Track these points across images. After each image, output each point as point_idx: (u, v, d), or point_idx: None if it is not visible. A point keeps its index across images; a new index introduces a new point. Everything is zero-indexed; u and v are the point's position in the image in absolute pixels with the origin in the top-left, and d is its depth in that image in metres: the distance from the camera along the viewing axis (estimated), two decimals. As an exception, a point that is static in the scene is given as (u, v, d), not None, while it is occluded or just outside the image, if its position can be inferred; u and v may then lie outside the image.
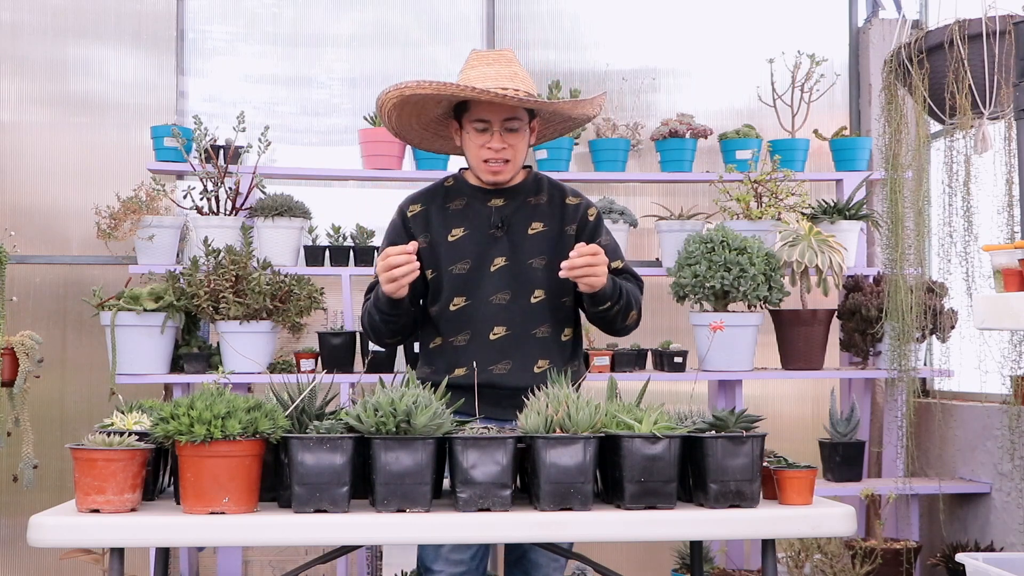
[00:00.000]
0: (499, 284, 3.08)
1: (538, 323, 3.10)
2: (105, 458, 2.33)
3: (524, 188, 3.18)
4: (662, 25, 5.56)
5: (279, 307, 4.50)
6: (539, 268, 3.11)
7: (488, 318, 3.07)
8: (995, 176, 3.98)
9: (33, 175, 5.10)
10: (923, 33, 4.10)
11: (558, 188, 3.23)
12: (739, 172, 4.97)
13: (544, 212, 3.16)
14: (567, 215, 3.17)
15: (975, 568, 3.02)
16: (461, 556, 2.98)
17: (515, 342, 3.07)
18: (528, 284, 3.10)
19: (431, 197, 3.20)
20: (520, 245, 3.11)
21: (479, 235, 3.12)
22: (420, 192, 3.24)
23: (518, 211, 3.14)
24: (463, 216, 3.14)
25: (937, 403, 4.85)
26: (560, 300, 3.13)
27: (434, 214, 3.15)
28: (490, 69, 3.03)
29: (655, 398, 2.64)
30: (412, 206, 3.18)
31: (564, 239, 3.14)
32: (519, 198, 3.16)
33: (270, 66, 5.37)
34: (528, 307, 3.09)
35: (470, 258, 3.10)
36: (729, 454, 2.43)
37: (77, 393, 5.04)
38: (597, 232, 3.20)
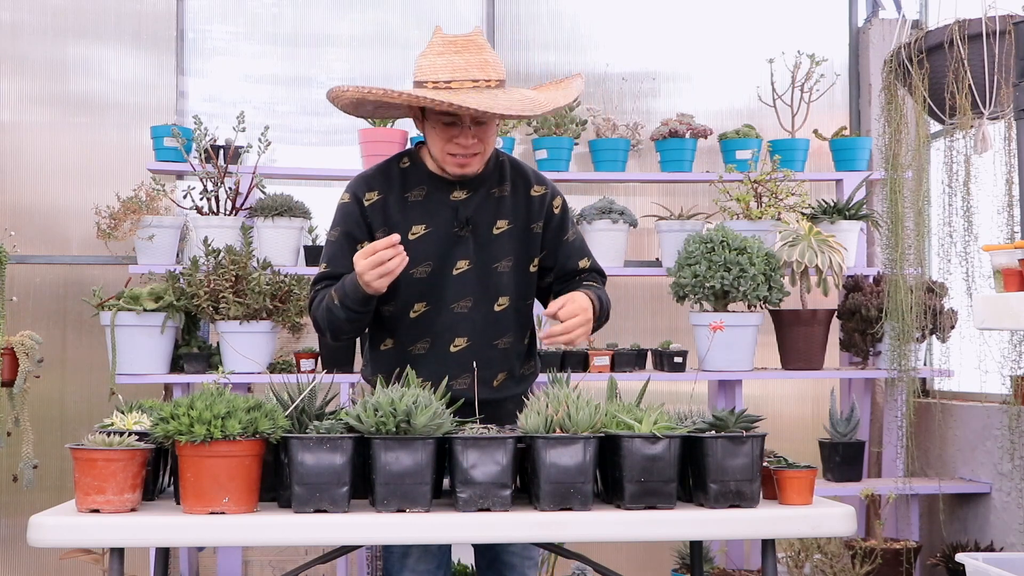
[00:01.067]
0: (462, 290, 2.88)
1: (500, 333, 2.92)
2: (105, 458, 2.33)
3: (486, 177, 2.92)
4: (662, 25, 5.56)
5: (279, 307, 4.50)
6: (504, 272, 2.93)
7: (449, 327, 2.88)
8: (995, 176, 3.98)
9: (33, 175, 5.10)
10: (923, 33, 4.10)
11: (521, 175, 2.98)
12: (739, 172, 4.97)
13: (508, 206, 2.93)
14: (532, 210, 2.95)
15: (975, 568, 3.02)
16: (427, 566, 2.86)
17: (476, 354, 2.86)
18: (493, 290, 2.91)
19: (387, 183, 2.91)
20: (485, 247, 2.90)
21: (441, 234, 2.88)
22: (373, 175, 2.95)
23: (482, 207, 2.91)
24: (424, 211, 2.89)
25: (937, 403, 4.85)
26: (524, 303, 2.97)
27: (392, 205, 2.89)
28: (459, 58, 2.77)
29: (655, 398, 2.64)
30: (369, 193, 2.90)
31: (530, 237, 2.96)
32: (483, 189, 2.92)
33: (270, 66, 5.37)
34: (491, 316, 2.91)
35: (432, 260, 2.88)
36: (729, 454, 2.43)
37: (77, 393, 5.04)
38: (564, 227, 3.00)
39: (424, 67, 2.80)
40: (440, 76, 2.76)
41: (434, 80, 2.76)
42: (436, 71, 2.77)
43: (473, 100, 2.71)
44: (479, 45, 2.80)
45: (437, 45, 2.81)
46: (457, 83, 2.76)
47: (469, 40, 2.81)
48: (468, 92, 2.74)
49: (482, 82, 2.76)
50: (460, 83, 2.76)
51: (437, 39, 2.82)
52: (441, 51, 2.79)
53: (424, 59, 2.82)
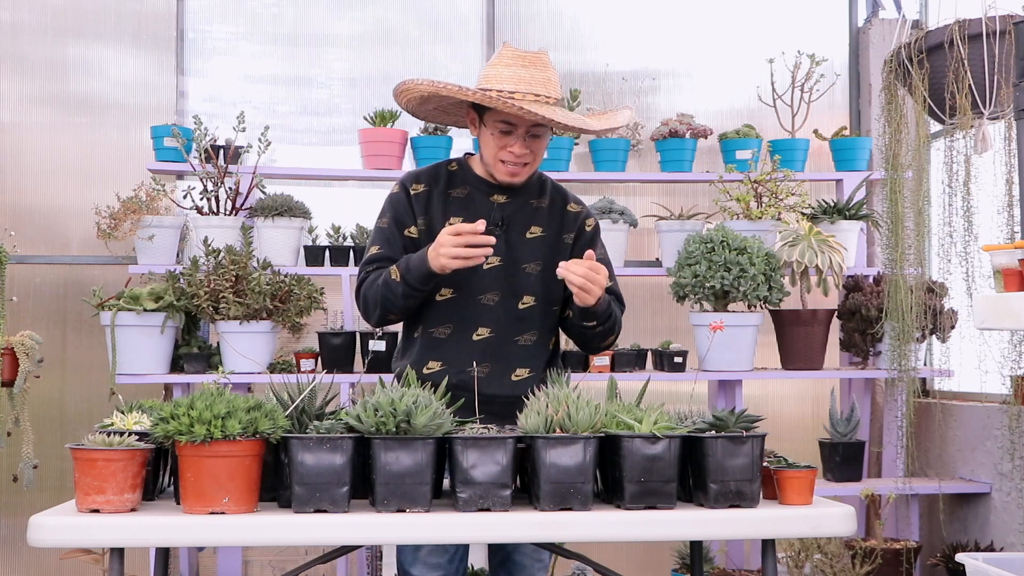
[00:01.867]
0: (490, 284, 3.00)
1: (523, 330, 3.03)
2: (105, 458, 2.33)
3: (528, 188, 3.10)
4: (662, 25, 5.56)
5: (279, 307, 4.50)
6: (532, 273, 3.04)
7: (474, 317, 3.00)
8: (995, 176, 3.98)
9: (33, 175, 5.10)
10: (923, 33, 4.10)
11: (561, 193, 3.16)
12: (739, 172, 4.97)
13: (544, 216, 3.09)
14: (567, 222, 3.11)
15: (975, 568, 3.02)
16: (439, 560, 2.92)
17: (497, 346, 3.00)
18: (519, 288, 3.03)
19: (434, 179, 3.09)
20: (516, 247, 3.04)
21: None
22: (423, 171, 3.13)
23: (519, 212, 3.07)
24: (464, 206, 3.05)
25: (937, 403, 4.85)
26: (550, 308, 3.07)
27: (436, 198, 3.05)
28: (524, 72, 2.93)
29: (655, 398, 2.64)
30: (416, 184, 3.07)
31: (560, 247, 3.09)
32: (522, 198, 3.09)
33: (270, 66, 5.37)
34: (515, 312, 3.02)
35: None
36: (729, 454, 2.43)
37: (77, 393, 5.04)
38: (594, 244, 3.13)
39: (491, 76, 2.96)
40: (505, 86, 2.92)
41: (499, 89, 2.92)
42: (502, 81, 2.93)
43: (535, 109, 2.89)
44: (544, 63, 2.98)
45: (506, 58, 2.97)
46: (520, 95, 2.92)
47: (536, 57, 2.98)
48: (530, 104, 2.90)
49: (543, 97, 2.94)
50: (523, 95, 2.92)
51: (507, 52, 2.98)
52: (509, 63, 2.95)
53: (492, 69, 2.97)
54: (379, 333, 4.62)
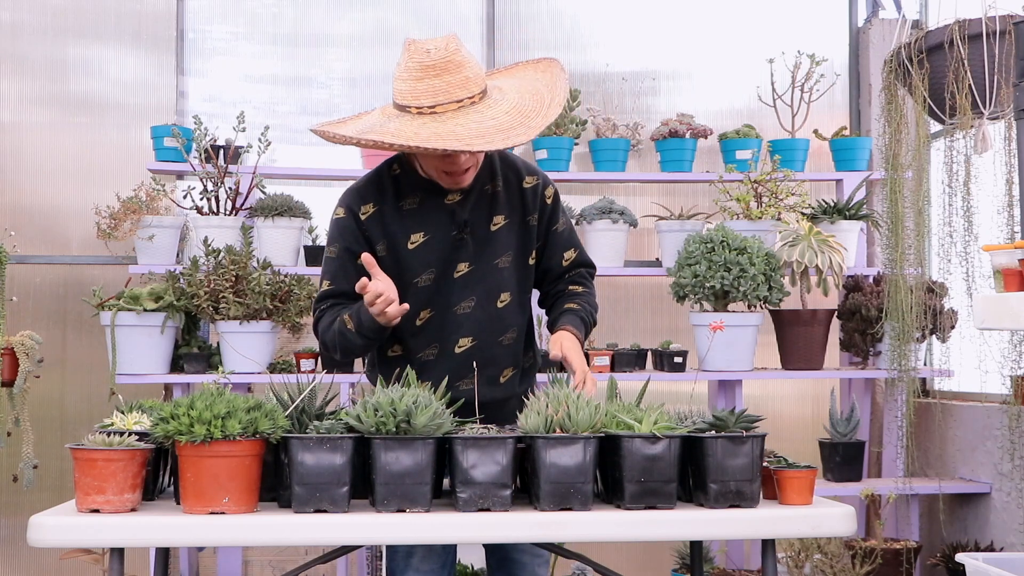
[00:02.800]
0: (464, 291, 2.88)
1: (504, 329, 2.92)
2: (105, 458, 2.33)
3: (478, 175, 2.88)
4: (662, 25, 5.56)
5: (279, 307, 4.50)
6: (505, 267, 2.92)
7: (454, 329, 2.88)
8: (995, 176, 3.98)
9: (33, 175, 5.10)
10: (923, 33, 4.10)
11: (512, 168, 2.95)
12: (739, 172, 4.97)
13: (503, 201, 2.91)
14: (527, 201, 2.93)
15: (975, 568, 3.02)
16: (431, 566, 2.87)
17: (481, 352, 2.87)
18: (495, 287, 2.90)
19: (380, 193, 2.88)
20: (484, 246, 2.89)
21: (440, 239, 2.86)
22: (365, 186, 2.91)
23: (477, 206, 2.89)
24: (420, 218, 2.87)
25: (937, 403, 4.85)
26: (525, 296, 2.97)
27: (389, 216, 2.86)
28: (439, 81, 2.66)
29: (655, 398, 2.64)
30: (364, 206, 2.86)
31: (527, 230, 2.94)
32: (475, 189, 2.89)
33: (270, 66, 5.37)
34: (494, 312, 2.90)
35: (434, 267, 2.86)
36: (729, 454, 2.43)
37: (77, 393, 5.04)
38: (555, 216, 2.99)
39: (404, 92, 2.69)
40: (423, 102, 2.66)
41: (417, 106, 2.67)
42: (418, 96, 2.67)
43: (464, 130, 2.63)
44: (457, 64, 2.68)
45: (415, 70, 2.68)
46: (441, 107, 2.67)
47: (447, 61, 2.67)
48: (455, 116, 2.66)
49: (466, 100, 2.68)
50: (444, 107, 2.67)
51: (413, 64, 2.68)
52: (420, 76, 2.67)
53: (404, 84, 2.70)
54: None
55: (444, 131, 2.63)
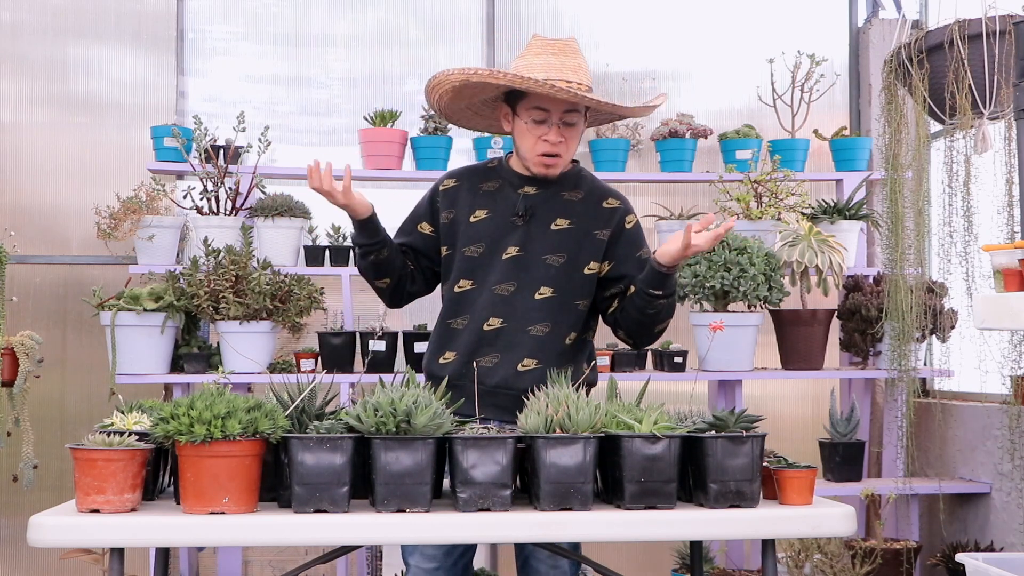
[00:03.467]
0: (507, 274, 3.00)
1: (536, 320, 2.99)
2: (105, 458, 2.33)
3: (561, 180, 3.07)
4: (662, 25, 5.56)
5: (279, 307, 4.50)
6: (553, 265, 3.01)
7: (487, 306, 2.99)
8: (995, 176, 3.97)
9: (33, 175, 5.10)
10: (923, 33, 4.09)
11: (599, 188, 3.12)
12: (739, 172, 4.97)
13: (574, 209, 3.05)
14: (600, 217, 3.06)
15: (975, 568, 3.02)
16: (435, 551, 2.94)
17: (507, 336, 2.98)
18: (536, 279, 3.00)
19: (469, 175, 3.14)
20: (538, 238, 3.01)
21: (499, 220, 3.04)
22: (462, 168, 3.21)
23: (546, 203, 3.05)
24: (491, 199, 3.07)
25: (937, 403, 4.85)
26: (572, 302, 3.03)
27: (464, 192, 3.09)
28: (555, 59, 2.92)
29: (655, 398, 2.64)
30: (448, 180, 3.14)
31: (592, 241, 3.04)
32: (551, 189, 3.06)
33: (270, 66, 5.37)
34: (530, 302, 2.99)
35: (484, 242, 3.03)
36: (729, 454, 2.43)
37: (77, 393, 5.03)
38: (637, 243, 3.08)
39: (520, 66, 2.95)
40: (536, 74, 2.90)
41: (531, 78, 2.89)
42: (532, 70, 2.92)
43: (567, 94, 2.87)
44: (574, 51, 2.96)
45: (535, 47, 2.97)
46: (551, 82, 2.89)
47: (566, 44, 2.96)
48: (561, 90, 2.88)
49: (574, 83, 2.92)
50: (554, 83, 2.89)
51: (536, 42, 2.98)
52: (539, 52, 2.95)
53: (522, 60, 2.97)
54: (379, 333, 4.62)
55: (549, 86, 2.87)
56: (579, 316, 3.06)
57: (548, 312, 3.00)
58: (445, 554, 2.95)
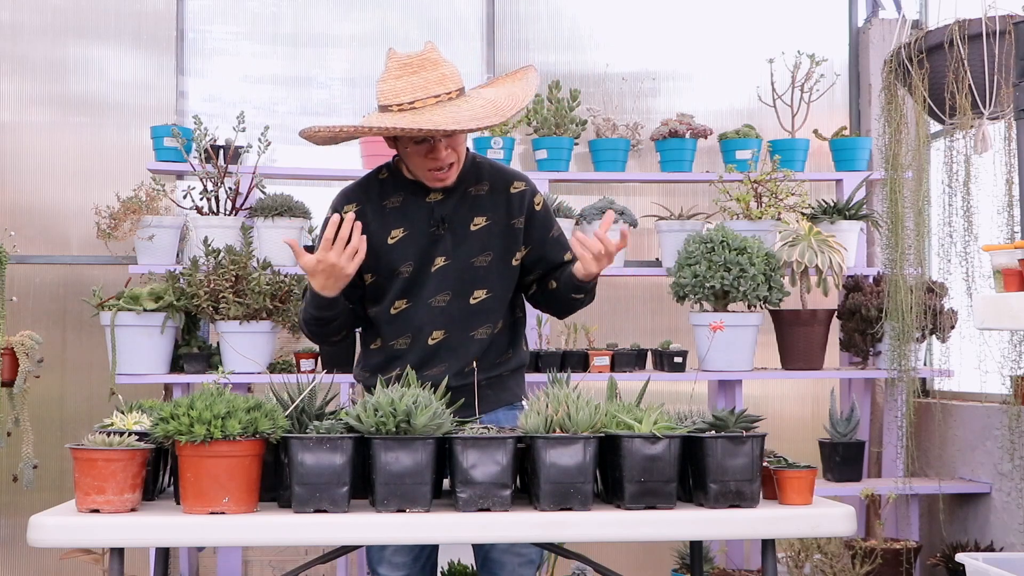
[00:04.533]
0: (440, 285, 2.98)
1: (477, 324, 2.99)
2: (105, 458, 2.33)
3: (463, 178, 3.01)
4: (662, 25, 5.56)
5: (279, 307, 4.50)
6: (482, 266, 2.99)
7: (427, 321, 2.97)
8: (995, 176, 3.97)
9: (33, 175, 5.10)
10: (923, 33, 4.09)
11: (500, 174, 3.07)
12: (739, 172, 4.97)
13: (486, 203, 3.02)
14: (512, 206, 3.02)
15: (975, 568, 3.02)
16: (403, 559, 2.93)
17: (451, 345, 2.98)
18: (469, 283, 2.98)
19: (366, 194, 3.04)
20: (462, 243, 2.98)
21: (419, 235, 2.99)
22: (353, 188, 3.08)
23: (459, 205, 3.00)
24: (402, 215, 3.00)
25: (937, 403, 4.85)
26: (506, 296, 3.04)
27: (371, 214, 3.01)
28: (417, 78, 2.84)
29: (655, 398, 2.64)
30: (348, 206, 3.02)
31: (511, 232, 3.02)
32: (459, 190, 3.01)
33: (270, 66, 5.37)
34: (467, 308, 2.98)
35: (412, 260, 2.98)
36: (729, 454, 2.43)
37: (77, 393, 5.04)
38: (548, 223, 3.08)
39: (386, 91, 2.86)
40: (403, 98, 2.83)
41: (398, 103, 2.84)
42: (398, 94, 2.84)
43: (440, 118, 2.81)
44: (433, 61, 2.88)
45: (394, 69, 2.87)
46: (420, 102, 2.83)
47: (423, 59, 2.88)
48: (432, 109, 2.83)
49: (443, 96, 2.85)
50: (423, 102, 2.83)
51: (393, 63, 2.88)
52: (399, 74, 2.86)
53: (384, 84, 2.88)
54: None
55: (421, 120, 2.80)
56: (509, 307, 3.08)
57: (487, 313, 3.00)
58: (413, 560, 2.95)
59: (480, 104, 2.90)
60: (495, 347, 3.04)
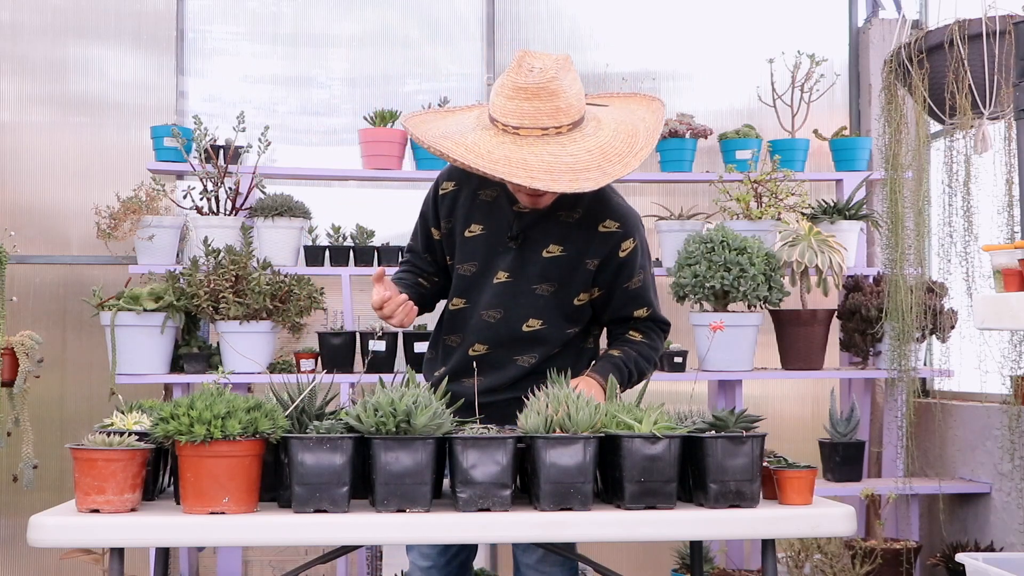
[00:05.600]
0: (495, 300, 2.88)
1: (524, 351, 2.89)
2: (105, 458, 2.33)
3: (561, 200, 2.84)
4: (662, 25, 5.56)
5: (279, 307, 4.50)
6: (543, 295, 2.87)
7: (475, 331, 2.90)
8: (995, 176, 3.98)
9: (33, 175, 5.10)
10: (923, 33, 4.10)
11: (599, 207, 2.86)
12: (739, 172, 4.97)
13: (569, 234, 2.85)
14: (593, 243, 2.85)
15: (975, 568, 3.02)
16: (430, 551, 2.94)
17: (491, 361, 2.88)
18: (525, 309, 2.87)
19: (467, 176, 2.89)
20: (528, 265, 2.86)
21: (493, 239, 2.89)
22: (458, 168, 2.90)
23: (539, 225, 2.86)
24: (487, 212, 2.90)
25: (937, 403, 4.85)
26: (563, 331, 2.90)
27: (462, 200, 2.92)
28: (528, 105, 2.64)
29: (655, 398, 2.64)
30: (446, 183, 2.95)
31: (581, 271, 2.87)
32: (550, 208, 2.85)
33: (270, 66, 5.37)
34: (517, 334, 2.88)
35: (478, 261, 2.90)
36: (729, 454, 2.43)
37: (77, 393, 5.03)
38: (625, 272, 2.89)
39: (496, 106, 2.69)
40: (509, 121, 2.65)
41: (503, 123, 2.67)
42: (506, 115, 2.66)
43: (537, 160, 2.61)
44: (551, 92, 2.64)
45: (509, 88, 2.67)
46: (525, 131, 2.65)
47: (540, 88, 2.64)
48: (535, 143, 2.63)
49: (552, 130, 2.64)
50: (528, 131, 2.65)
51: (509, 81, 2.67)
52: (512, 96, 2.66)
53: (496, 97, 2.70)
54: (379, 333, 4.62)
55: (516, 157, 2.62)
56: (568, 340, 2.94)
57: (538, 343, 2.89)
58: (439, 553, 2.96)
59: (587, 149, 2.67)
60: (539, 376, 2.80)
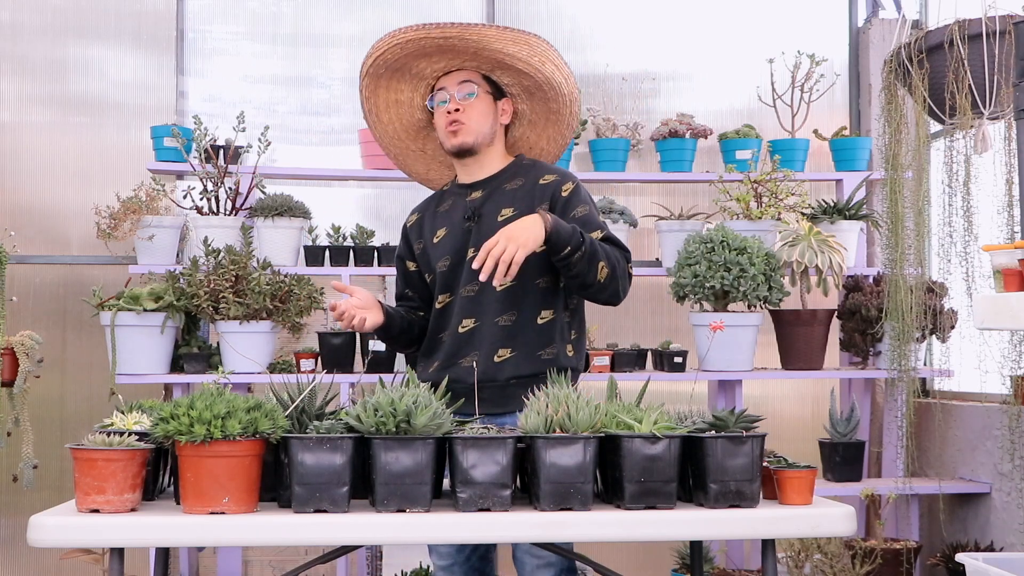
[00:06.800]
0: (470, 275, 3.01)
1: (502, 311, 3.02)
2: (105, 458, 2.33)
3: (501, 175, 3.13)
4: (662, 25, 5.56)
5: (279, 307, 4.50)
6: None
7: (460, 311, 3.06)
8: (995, 176, 3.97)
9: (33, 175, 5.10)
10: (923, 33, 4.09)
11: (538, 170, 3.12)
12: (739, 172, 4.97)
13: (517, 196, 3.07)
14: (536, 195, 3.05)
15: (975, 568, 3.03)
16: (448, 549, 3.05)
17: (480, 333, 3.02)
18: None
19: (428, 204, 3.25)
20: (487, 232, 2.99)
21: (455, 231, 3.11)
22: (423, 201, 3.30)
23: (490, 200, 3.10)
24: (447, 216, 3.16)
25: (937, 403, 4.85)
26: (532, 283, 3.02)
27: (427, 220, 3.20)
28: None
29: (655, 398, 2.64)
30: (411, 216, 3.26)
31: None
32: (492, 184, 3.12)
33: (270, 66, 5.37)
34: (492, 295, 3.01)
35: (449, 255, 3.10)
36: (729, 454, 2.43)
37: (77, 393, 5.03)
38: (569, 205, 3.04)
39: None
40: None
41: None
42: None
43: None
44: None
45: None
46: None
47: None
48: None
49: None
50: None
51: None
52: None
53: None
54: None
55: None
56: (542, 295, 3.03)
57: (511, 300, 3.02)
58: (457, 551, 3.05)
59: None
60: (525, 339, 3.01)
